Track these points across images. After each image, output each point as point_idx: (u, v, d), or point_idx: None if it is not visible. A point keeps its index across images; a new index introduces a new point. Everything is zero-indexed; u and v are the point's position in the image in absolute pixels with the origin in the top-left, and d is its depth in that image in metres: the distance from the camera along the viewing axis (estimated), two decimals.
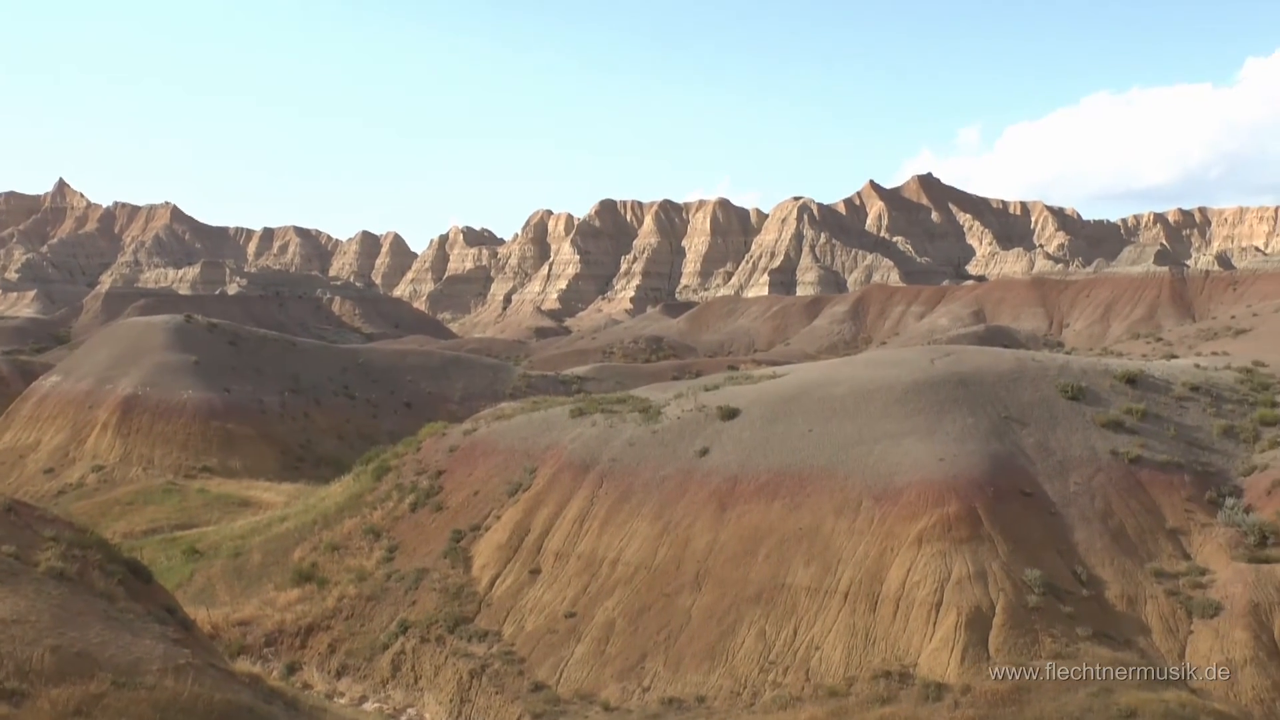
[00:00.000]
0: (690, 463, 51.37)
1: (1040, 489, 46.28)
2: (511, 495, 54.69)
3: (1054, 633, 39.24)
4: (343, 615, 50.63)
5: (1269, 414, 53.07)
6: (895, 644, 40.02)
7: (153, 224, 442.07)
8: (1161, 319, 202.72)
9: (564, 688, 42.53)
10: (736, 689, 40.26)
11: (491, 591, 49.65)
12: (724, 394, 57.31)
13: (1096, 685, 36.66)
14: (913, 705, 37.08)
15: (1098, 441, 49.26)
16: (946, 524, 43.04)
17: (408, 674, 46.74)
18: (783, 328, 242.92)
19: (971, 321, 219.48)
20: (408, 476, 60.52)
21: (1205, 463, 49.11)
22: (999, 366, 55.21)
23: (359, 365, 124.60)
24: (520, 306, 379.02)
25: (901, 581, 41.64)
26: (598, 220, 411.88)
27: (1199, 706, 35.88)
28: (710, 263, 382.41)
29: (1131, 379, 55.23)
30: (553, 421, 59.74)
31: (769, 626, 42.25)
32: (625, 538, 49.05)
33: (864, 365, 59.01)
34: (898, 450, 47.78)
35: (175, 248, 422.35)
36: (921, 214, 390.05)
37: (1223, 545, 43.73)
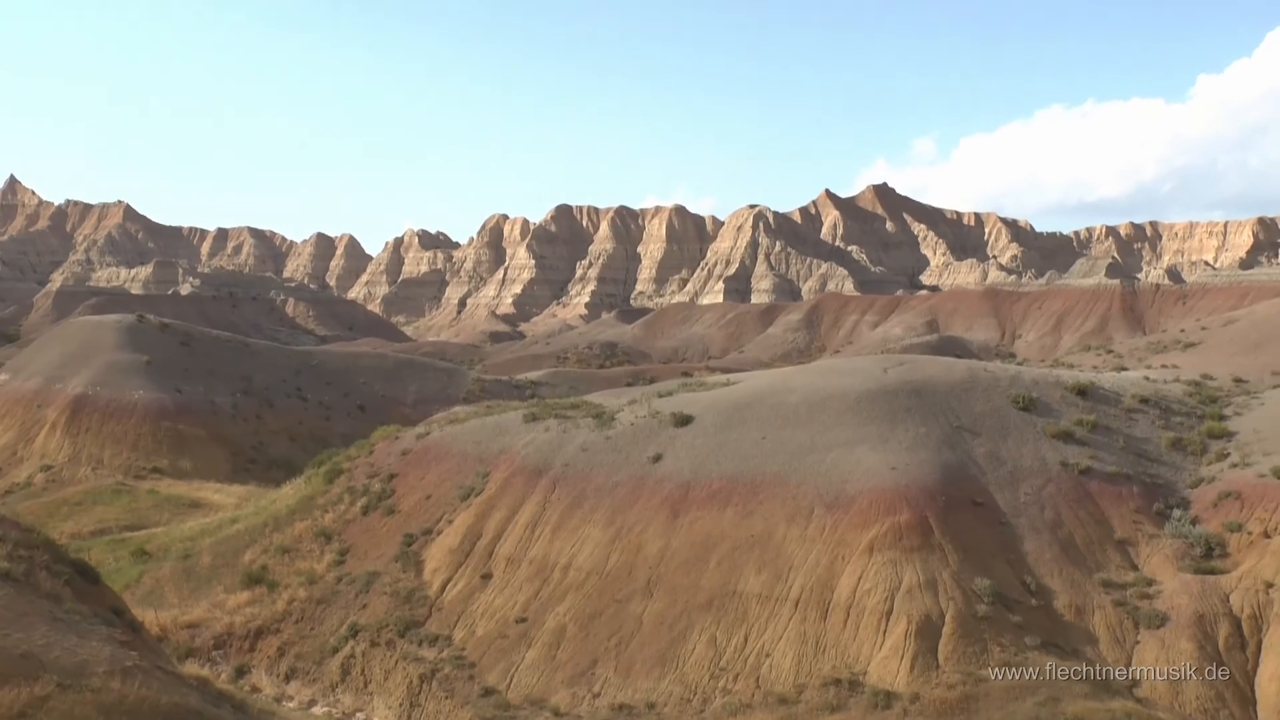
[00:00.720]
0: (643, 469, 51.38)
1: (991, 499, 46.56)
2: (464, 499, 54.53)
3: (1003, 642, 39.47)
4: (293, 618, 50.31)
5: (1216, 427, 53.62)
6: (845, 652, 40.14)
7: (105, 222, 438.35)
8: (1112, 331, 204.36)
9: (514, 693, 42.42)
10: (687, 695, 40.27)
11: (443, 596, 49.48)
12: (678, 401, 57.36)
13: (1044, 694, 36.90)
14: (862, 713, 37.22)
15: (1048, 452, 49.60)
16: (898, 533, 43.22)
17: (357, 678, 46.49)
18: (737, 335, 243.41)
19: (925, 331, 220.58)
20: (360, 479, 60.24)
21: (1153, 474, 49.55)
22: (951, 376, 55.51)
23: (312, 367, 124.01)
24: (475, 310, 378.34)
25: (852, 589, 41.77)
26: (553, 225, 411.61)
27: (1144, 716, 36.18)
28: (665, 269, 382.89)
29: (1082, 390, 55.67)
30: (506, 426, 59.61)
31: (720, 633, 42.29)
32: (577, 543, 48.99)
33: (817, 374, 59.18)
34: (850, 459, 47.95)
35: (128, 247, 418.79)
36: (876, 224, 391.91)
37: (1169, 556, 44.13)
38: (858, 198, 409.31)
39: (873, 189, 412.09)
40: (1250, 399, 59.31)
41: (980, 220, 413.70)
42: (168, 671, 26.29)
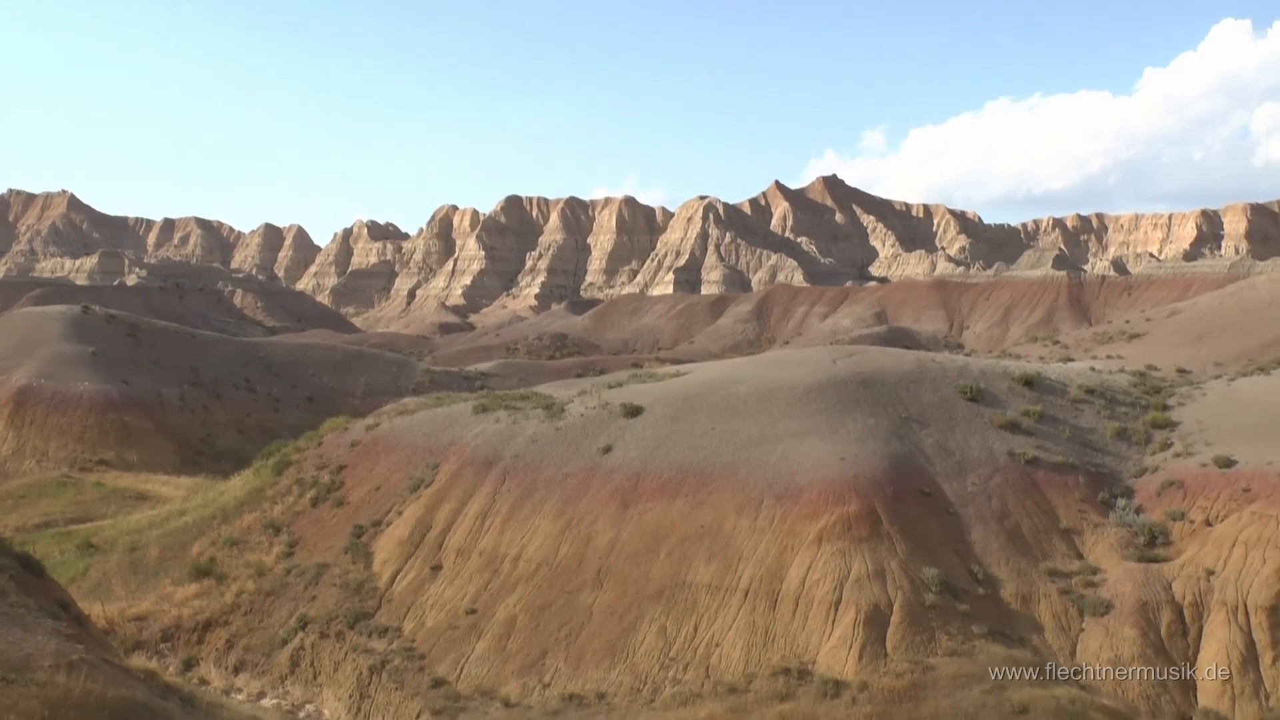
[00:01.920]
0: (593, 460, 51.42)
1: (939, 489, 46.89)
2: (414, 491, 54.40)
3: (950, 631, 39.79)
4: (241, 611, 50.08)
5: (1160, 417, 54.20)
6: (794, 641, 40.35)
7: (49, 212, 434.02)
8: (1059, 322, 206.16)
9: (464, 684, 42.39)
10: (637, 685, 40.37)
11: (392, 587, 49.37)
12: (628, 392, 57.42)
13: (991, 682, 37.23)
14: (811, 702, 37.42)
15: (995, 442, 50.01)
16: (846, 523, 43.46)
17: (306, 670, 46.35)
18: (687, 326, 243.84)
19: (874, 322, 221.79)
20: (309, 471, 59.99)
21: (1099, 464, 50.05)
22: (900, 367, 55.86)
23: (261, 359, 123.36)
24: (424, 302, 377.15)
25: (801, 579, 41.98)
26: (503, 216, 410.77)
27: (1088, 703, 36.57)
28: (615, 260, 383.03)
29: (1029, 381, 56.14)
30: (456, 418, 59.51)
31: (670, 624, 42.41)
32: (527, 534, 48.99)
33: (767, 365, 59.40)
34: (799, 449, 48.17)
35: (72, 237, 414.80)
36: (826, 215, 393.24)
37: (1114, 545, 44.60)
38: (807, 189, 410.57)
39: (822, 181, 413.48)
40: (1193, 389, 59.98)
41: (929, 212, 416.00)
42: (114, 665, 26.13)
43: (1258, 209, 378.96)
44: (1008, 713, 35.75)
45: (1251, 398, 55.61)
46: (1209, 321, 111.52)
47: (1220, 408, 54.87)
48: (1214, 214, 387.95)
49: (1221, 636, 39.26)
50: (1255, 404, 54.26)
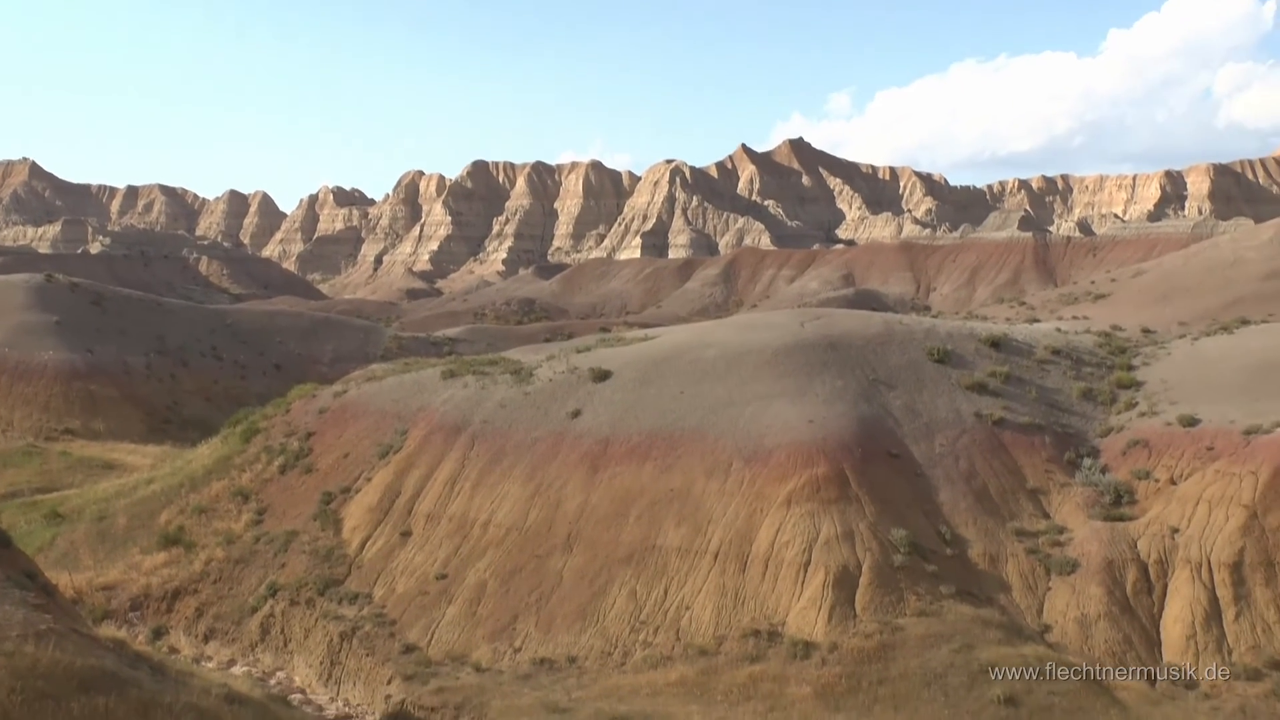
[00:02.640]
0: (562, 424, 51.44)
1: (907, 450, 47.12)
2: (382, 457, 54.32)
3: (919, 591, 40.07)
4: (210, 579, 50.00)
5: (1125, 377, 54.58)
6: (764, 603, 40.56)
7: (10, 180, 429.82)
8: (1025, 283, 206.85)
9: (435, 649, 42.46)
10: (608, 649, 40.52)
11: (362, 554, 49.35)
12: (596, 356, 57.40)
13: (959, 641, 37.55)
14: (781, 663, 37.66)
15: (963, 404, 50.26)
16: (815, 485, 43.65)
17: (277, 637, 46.35)
18: (655, 290, 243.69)
19: (841, 285, 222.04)
20: (277, 439, 59.81)
21: (1065, 424, 50.38)
22: (868, 330, 56.02)
23: (227, 326, 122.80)
24: (391, 268, 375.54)
25: (771, 542, 42.17)
26: (470, 181, 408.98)
27: (1055, 660, 36.94)
28: (583, 225, 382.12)
29: (995, 342, 56.41)
30: (424, 383, 59.38)
31: (640, 587, 42.56)
32: (497, 499, 49.01)
33: (735, 328, 59.48)
34: (768, 412, 48.30)
35: (35, 205, 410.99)
36: (793, 178, 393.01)
37: (1080, 504, 44.96)
38: (774, 152, 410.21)
39: (789, 144, 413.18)
40: (1158, 349, 60.39)
41: (895, 174, 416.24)
42: (83, 634, 26.10)
43: (1220, 169, 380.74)
44: (976, 672, 36.08)
45: (1215, 357, 56.05)
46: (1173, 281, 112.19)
47: (1184, 367, 55.29)
48: (1177, 175, 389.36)
49: (1186, 593, 39.69)
50: (1219, 363, 54.70)
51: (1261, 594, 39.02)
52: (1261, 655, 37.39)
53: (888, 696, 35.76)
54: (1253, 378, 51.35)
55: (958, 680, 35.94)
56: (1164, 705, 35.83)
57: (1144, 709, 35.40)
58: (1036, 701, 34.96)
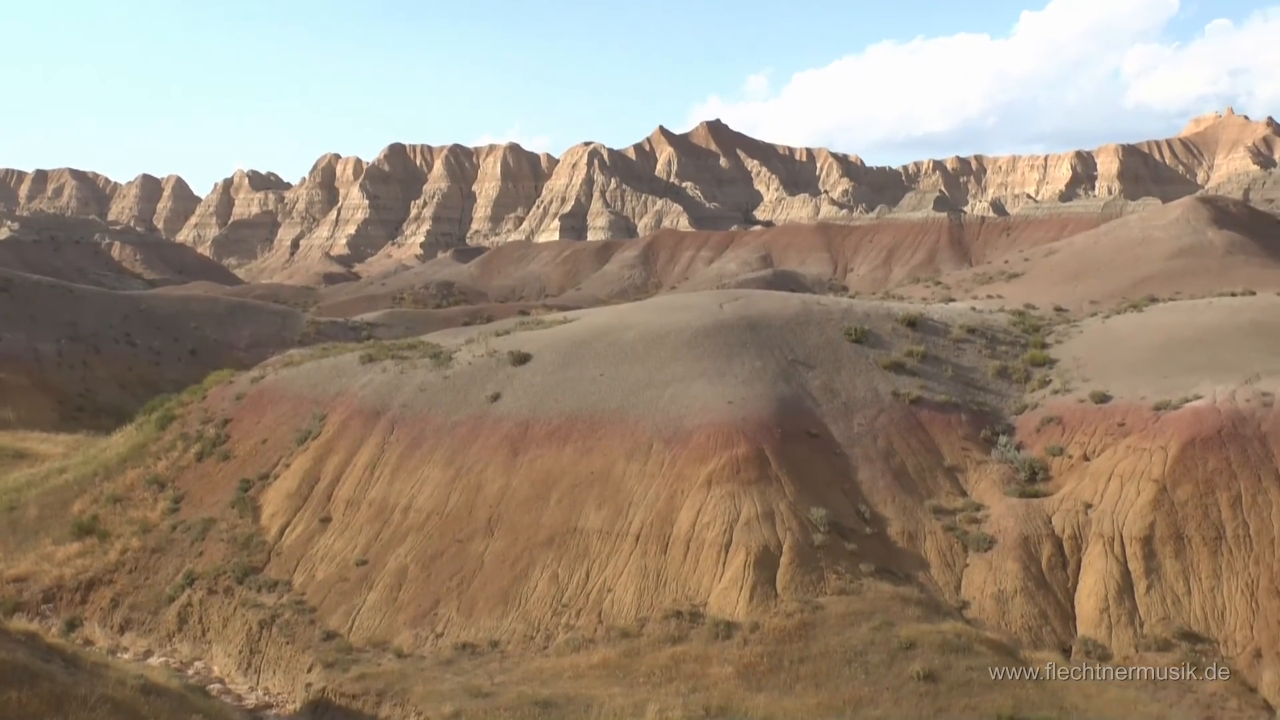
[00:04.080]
0: (482, 408, 51.29)
1: (826, 430, 47.46)
2: (301, 443, 53.89)
3: (839, 570, 40.40)
4: (126, 568, 49.35)
5: (1039, 355, 55.30)
6: (686, 584, 40.71)
7: None
8: (940, 263, 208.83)
9: (356, 636, 42.23)
10: (530, 633, 40.51)
11: (281, 541, 48.95)
12: (515, 339, 57.28)
13: (879, 619, 37.89)
14: (703, 644, 37.83)
15: (880, 383, 50.68)
16: (735, 465, 43.85)
17: (195, 626, 45.87)
18: (574, 273, 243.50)
19: (759, 266, 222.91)
20: (193, 425, 59.12)
21: (981, 402, 50.96)
22: (786, 310, 56.30)
23: (141, 312, 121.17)
24: (308, 252, 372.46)
25: (692, 523, 42.32)
26: (387, 165, 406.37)
27: (973, 636, 37.39)
28: (501, 208, 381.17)
29: (912, 322, 56.92)
30: (342, 368, 58.95)
31: (561, 570, 42.57)
32: (417, 484, 48.79)
33: (654, 310, 59.55)
34: (688, 393, 48.44)
35: None
36: (710, 160, 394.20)
37: (996, 481, 45.53)
38: (692, 134, 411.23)
39: (706, 125, 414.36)
40: (1070, 327, 61.22)
41: (812, 155, 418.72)
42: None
43: (1129, 150, 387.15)
44: (895, 649, 36.43)
45: (1125, 334, 56.92)
46: (1084, 260, 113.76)
47: (1096, 344, 56.11)
48: (1088, 155, 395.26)
49: (1099, 567, 40.35)
50: (1129, 340, 55.55)
51: (1171, 566, 39.77)
52: (1171, 626, 38.13)
53: (809, 675, 36.02)
54: (1162, 354, 52.23)
55: (878, 657, 36.28)
56: (1079, 678, 36.40)
57: (1059, 682, 35.92)
58: (955, 677, 35.36)
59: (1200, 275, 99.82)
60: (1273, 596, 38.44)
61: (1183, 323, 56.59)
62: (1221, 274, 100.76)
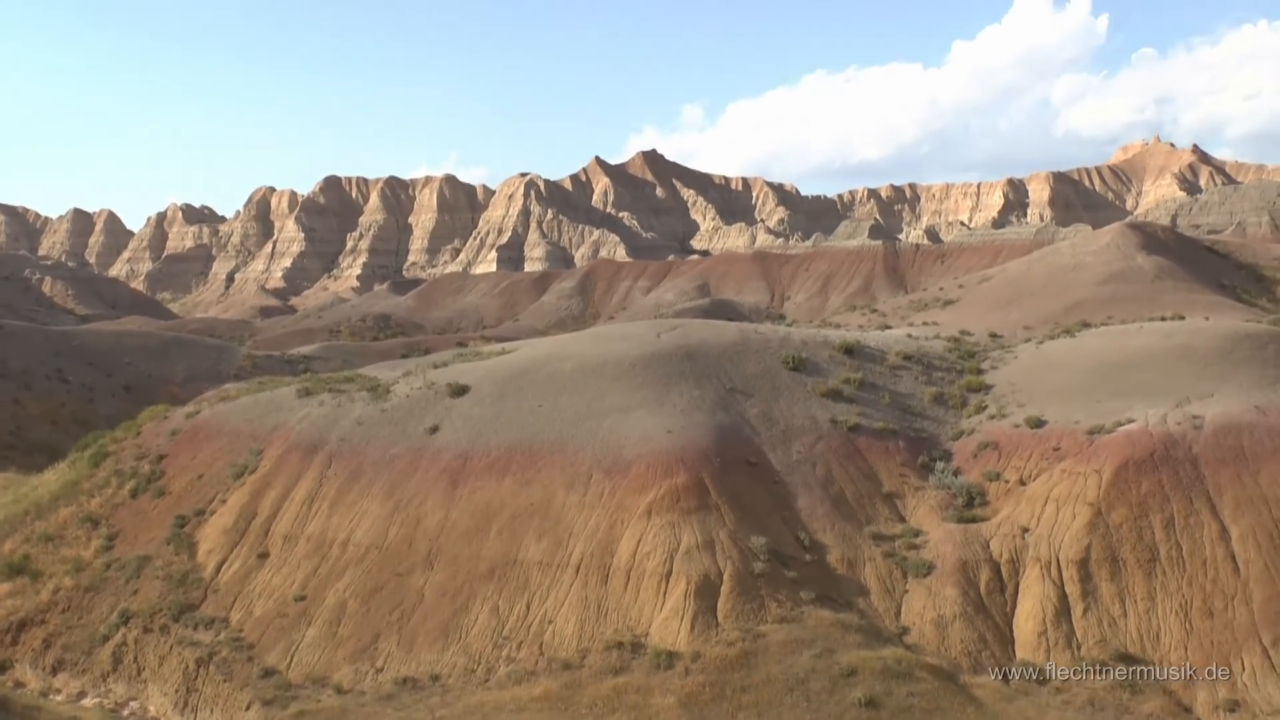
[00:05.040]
0: (420, 440, 51.07)
1: (765, 458, 47.61)
2: (237, 478, 53.39)
3: (779, 598, 40.47)
4: (59, 608, 48.61)
5: (975, 380, 55.81)
6: (627, 615, 40.66)
7: None
8: (876, 291, 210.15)
9: (295, 672, 41.83)
10: (471, 666, 40.30)
11: (218, 577, 48.43)
12: (453, 371, 57.13)
13: (820, 646, 37.98)
14: (645, 674, 37.76)
15: (818, 410, 50.94)
16: (675, 495, 43.89)
17: (130, 666, 45.23)
18: (511, 304, 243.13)
19: (697, 295, 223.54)
20: (127, 462, 58.43)
21: (918, 429, 51.33)
22: (724, 339, 56.51)
23: (73, 348, 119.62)
24: (244, 285, 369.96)
25: (632, 553, 42.29)
26: (322, 197, 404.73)
27: (913, 662, 37.56)
28: (438, 240, 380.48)
29: (849, 349, 57.29)
30: (279, 402, 58.53)
31: (502, 602, 42.40)
32: (355, 518, 48.47)
33: (592, 340, 59.59)
34: (626, 423, 48.48)
35: None
36: (647, 190, 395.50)
37: (934, 507, 45.85)
38: (628, 164, 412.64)
39: (642, 156, 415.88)
40: (1005, 353, 61.85)
41: (748, 185, 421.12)
42: None
43: (1059, 177, 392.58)
44: (837, 676, 36.54)
45: (1059, 359, 57.56)
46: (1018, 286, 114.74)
47: (1030, 370, 56.72)
48: (1019, 182, 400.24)
49: (1036, 591, 40.70)
50: (1062, 365, 56.19)
51: (1107, 589, 40.20)
52: (1108, 649, 38.52)
53: (751, 704, 36.04)
54: (1094, 378, 52.89)
55: (819, 685, 36.37)
56: (1018, 701, 36.66)
57: (999, 706, 36.18)
58: (896, 703, 35.52)
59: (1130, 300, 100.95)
60: (1206, 617, 38.93)
61: (1114, 347, 57.30)
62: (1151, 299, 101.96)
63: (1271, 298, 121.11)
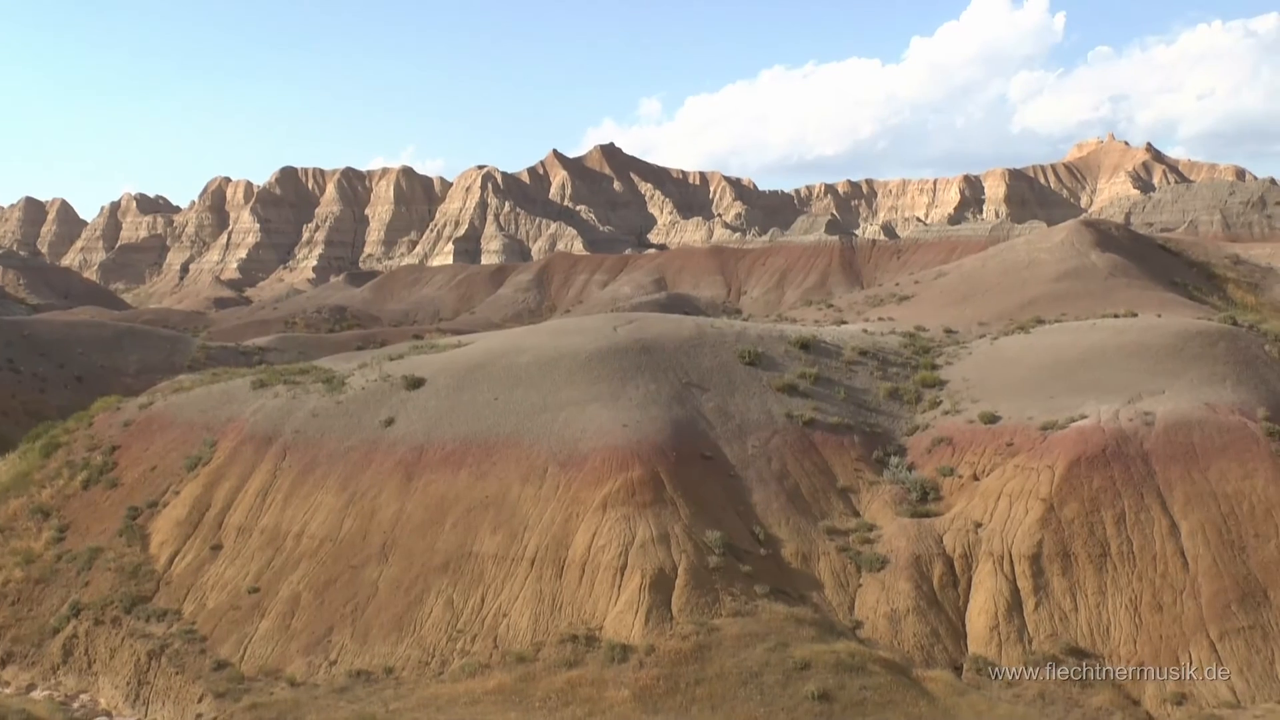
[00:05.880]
0: (376, 433, 50.93)
1: (720, 452, 47.74)
2: (191, 470, 53.08)
3: (734, 591, 40.61)
4: (8, 600, 48.22)
5: (930, 376, 56.11)
6: (582, 608, 40.70)
7: None
8: (832, 286, 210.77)
9: (248, 665, 41.66)
10: (425, 659, 40.25)
11: (171, 569, 48.16)
12: (409, 363, 56.98)
13: (774, 640, 38.16)
14: (599, 667, 37.82)
15: (774, 405, 51.10)
16: (630, 488, 43.95)
17: (80, 658, 44.91)
18: (468, 296, 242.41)
19: (653, 289, 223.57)
20: (79, 453, 57.98)
21: (873, 424, 51.59)
22: (680, 333, 56.59)
23: (25, 338, 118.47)
24: (198, 276, 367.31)
25: (587, 546, 42.33)
26: (278, 188, 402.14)
27: (866, 655, 37.79)
28: (394, 231, 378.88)
29: (805, 344, 57.48)
30: (233, 393, 58.21)
31: (457, 595, 42.35)
32: (310, 510, 48.30)
33: (548, 333, 59.57)
34: (582, 417, 48.49)
35: None
36: (604, 183, 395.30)
37: (888, 502, 46.11)
38: (585, 158, 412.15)
39: (600, 149, 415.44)
40: (959, 349, 62.19)
41: (705, 179, 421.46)
42: None
43: (1015, 174, 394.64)
44: (790, 669, 36.71)
45: (1013, 355, 57.95)
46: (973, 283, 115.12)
47: (985, 366, 57.07)
48: (975, 179, 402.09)
49: (989, 586, 41.01)
50: (1017, 361, 56.58)
51: (1059, 584, 40.56)
52: (1059, 643, 38.88)
53: (705, 697, 36.17)
54: (1048, 375, 53.29)
55: (773, 678, 36.54)
56: (970, 695, 36.94)
57: (951, 699, 36.45)
58: (849, 696, 35.73)
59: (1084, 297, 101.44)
60: (1155, 611, 39.35)
61: (1068, 344, 57.73)
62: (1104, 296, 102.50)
63: (1222, 296, 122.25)
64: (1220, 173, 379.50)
